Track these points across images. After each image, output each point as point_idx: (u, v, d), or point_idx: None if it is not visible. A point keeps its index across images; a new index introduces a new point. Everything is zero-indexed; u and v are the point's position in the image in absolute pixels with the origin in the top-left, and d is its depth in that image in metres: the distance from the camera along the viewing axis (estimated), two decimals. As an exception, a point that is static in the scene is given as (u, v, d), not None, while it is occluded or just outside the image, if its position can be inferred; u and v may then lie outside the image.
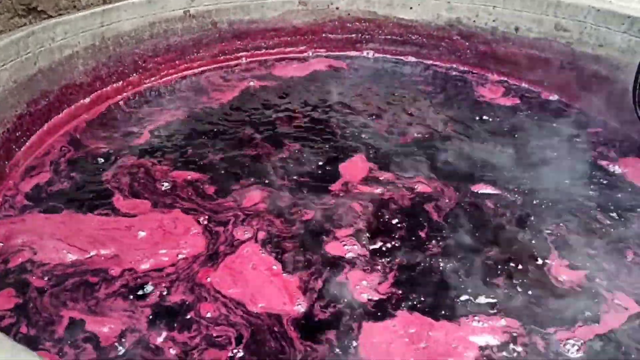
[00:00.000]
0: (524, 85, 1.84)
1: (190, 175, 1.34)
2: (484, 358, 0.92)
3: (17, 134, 1.35)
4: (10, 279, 1.04)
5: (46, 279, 1.04)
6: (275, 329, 0.95)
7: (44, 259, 1.09)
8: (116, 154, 1.42)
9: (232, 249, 1.13)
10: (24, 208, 1.21)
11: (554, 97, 1.78)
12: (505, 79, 1.87)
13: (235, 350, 0.91)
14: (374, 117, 1.62)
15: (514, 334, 0.96)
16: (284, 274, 1.07)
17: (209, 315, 0.97)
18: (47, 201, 1.24)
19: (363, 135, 1.52)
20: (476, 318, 0.99)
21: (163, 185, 1.31)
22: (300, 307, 1.00)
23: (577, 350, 0.94)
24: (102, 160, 1.39)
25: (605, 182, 1.38)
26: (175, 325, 0.96)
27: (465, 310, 1.01)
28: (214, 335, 0.94)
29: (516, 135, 1.56)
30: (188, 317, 0.97)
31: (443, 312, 1.00)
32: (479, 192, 1.33)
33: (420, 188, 1.32)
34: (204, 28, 1.81)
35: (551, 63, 1.77)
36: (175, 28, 1.75)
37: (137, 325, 0.95)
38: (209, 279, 1.05)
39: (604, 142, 1.56)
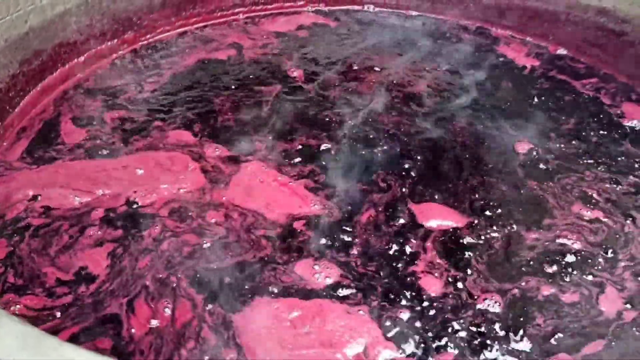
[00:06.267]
0: (529, 39, 1.80)
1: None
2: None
3: (10, 95, 1.33)
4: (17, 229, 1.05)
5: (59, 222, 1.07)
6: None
7: (51, 204, 1.10)
8: (109, 108, 1.42)
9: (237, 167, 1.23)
10: (20, 167, 1.21)
11: (562, 51, 1.75)
12: (511, 32, 1.82)
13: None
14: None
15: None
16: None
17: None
18: (42, 158, 1.24)
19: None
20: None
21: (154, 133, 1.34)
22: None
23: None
24: (96, 115, 1.39)
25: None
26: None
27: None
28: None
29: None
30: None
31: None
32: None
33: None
34: (200, -17, 1.77)
35: (557, 15, 1.72)
36: (170, -17, 1.70)
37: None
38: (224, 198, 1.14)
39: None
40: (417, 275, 0.98)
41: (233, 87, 1.52)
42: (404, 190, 1.18)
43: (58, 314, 0.88)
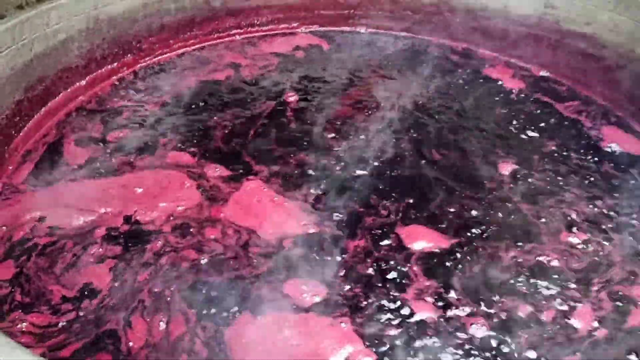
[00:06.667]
0: (513, 60, 1.87)
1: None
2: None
3: (16, 120, 1.40)
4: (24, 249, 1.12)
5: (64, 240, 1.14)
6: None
7: (56, 224, 1.18)
8: (110, 129, 1.49)
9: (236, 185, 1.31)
10: (26, 189, 1.28)
11: (544, 73, 1.82)
12: (496, 54, 1.90)
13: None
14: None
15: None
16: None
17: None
18: (47, 180, 1.31)
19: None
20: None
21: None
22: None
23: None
24: (98, 136, 1.46)
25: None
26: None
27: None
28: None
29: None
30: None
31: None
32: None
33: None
34: (197, 7, 1.84)
35: (540, 40, 1.79)
36: (168, 8, 1.77)
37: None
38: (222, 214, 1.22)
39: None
40: (404, 297, 1.04)
41: (231, 107, 1.59)
42: (391, 212, 1.24)
43: (62, 331, 0.95)
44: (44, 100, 1.51)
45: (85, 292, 1.03)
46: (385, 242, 1.16)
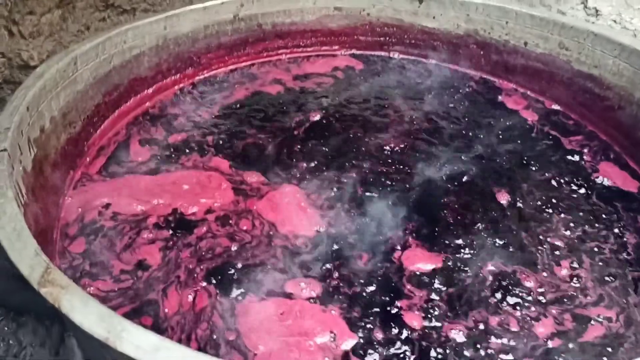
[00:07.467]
0: (530, 93, 2.06)
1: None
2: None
3: (94, 120, 1.70)
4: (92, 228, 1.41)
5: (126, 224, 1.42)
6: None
7: (119, 210, 1.44)
8: (169, 132, 1.78)
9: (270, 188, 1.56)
10: (98, 179, 1.56)
11: (556, 107, 2.00)
12: (514, 86, 2.09)
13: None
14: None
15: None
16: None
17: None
18: (115, 172, 1.58)
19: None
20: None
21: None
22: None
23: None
24: (158, 138, 1.75)
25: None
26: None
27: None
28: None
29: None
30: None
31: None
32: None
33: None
34: (251, 29, 2.12)
35: (553, 76, 1.98)
36: (225, 29, 2.06)
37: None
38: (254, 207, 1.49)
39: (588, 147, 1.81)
40: (397, 308, 1.23)
41: (274, 120, 1.84)
42: (399, 233, 1.42)
43: (119, 296, 1.22)
44: (117, 104, 1.79)
45: (139, 267, 1.29)
46: (384, 259, 1.35)
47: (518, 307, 1.25)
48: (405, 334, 1.17)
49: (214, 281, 1.26)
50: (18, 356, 1.37)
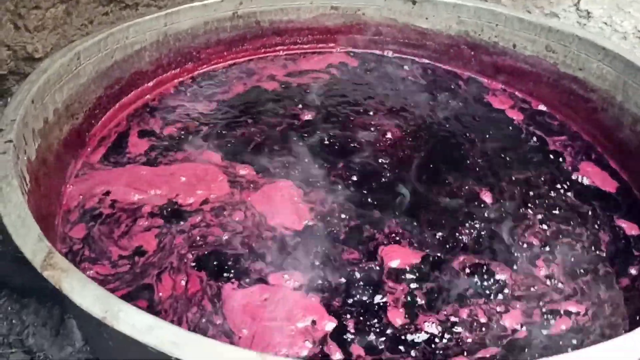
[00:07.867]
0: (517, 93, 2.13)
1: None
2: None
3: (96, 112, 1.76)
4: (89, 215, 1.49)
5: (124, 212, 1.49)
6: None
7: (117, 198, 1.51)
8: (167, 124, 1.84)
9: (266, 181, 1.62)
10: (99, 168, 1.63)
11: (542, 107, 2.07)
12: (502, 86, 2.16)
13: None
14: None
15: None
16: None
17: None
18: (115, 162, 1.65)
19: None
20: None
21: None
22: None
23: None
24: (157, 130, 1.81)
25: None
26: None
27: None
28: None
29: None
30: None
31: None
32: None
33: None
34: (249, 26, 2.19)
35: (540, 78, 2.04)
36: (225, 26, 2.13)
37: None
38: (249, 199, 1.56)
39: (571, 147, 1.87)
40: (382, 306, 1.29)
41: (269, 115, 1.91)
42: (384, 229, 1.49)
43: (117, 280, 1.29)
44: (118, 97, 1.86)
45: (136, 253, 1.37)
46: (367, 254, 1.42)
47: (489, 300, 1.33)
48: (383, 324, 1.25)
49: (204, 268, 1.34)
50: (21, 335, 1.45)
